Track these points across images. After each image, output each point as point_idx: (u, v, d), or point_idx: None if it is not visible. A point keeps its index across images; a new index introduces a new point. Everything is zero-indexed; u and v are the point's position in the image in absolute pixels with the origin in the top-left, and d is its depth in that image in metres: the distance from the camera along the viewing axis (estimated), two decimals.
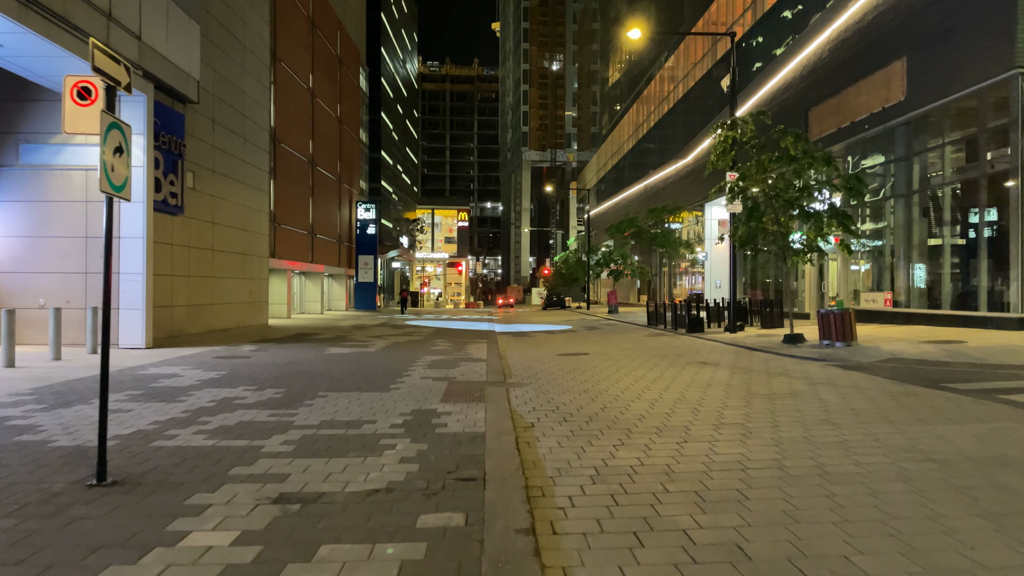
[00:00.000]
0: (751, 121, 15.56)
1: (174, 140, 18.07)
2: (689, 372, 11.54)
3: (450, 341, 19.02)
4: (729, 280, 19.44)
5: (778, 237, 15.55)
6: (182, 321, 19.00)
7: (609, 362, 13.46)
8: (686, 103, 41.51)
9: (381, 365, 12.86)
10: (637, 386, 10.03)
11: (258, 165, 24.82)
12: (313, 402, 8.70)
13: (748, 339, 17.45)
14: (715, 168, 16.68)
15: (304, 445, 6.27)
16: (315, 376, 11.25)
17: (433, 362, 13.39)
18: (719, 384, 10.06)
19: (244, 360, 13.61)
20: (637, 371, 11.86)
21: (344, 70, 43.36)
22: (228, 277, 22.12)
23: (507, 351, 16.49)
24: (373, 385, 10.22)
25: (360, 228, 45.35)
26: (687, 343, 17.70)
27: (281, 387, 9.99)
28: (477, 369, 12.27)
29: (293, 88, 32.53)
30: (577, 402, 8.75)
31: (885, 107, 19.61)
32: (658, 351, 15.67)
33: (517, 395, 9.44)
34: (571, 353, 15.59)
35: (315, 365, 12.82)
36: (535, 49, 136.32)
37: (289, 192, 31.97)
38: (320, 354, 15.00)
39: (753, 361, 13.00)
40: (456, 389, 9.88)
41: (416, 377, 11.19)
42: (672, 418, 7.55)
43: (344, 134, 43.69)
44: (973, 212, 17.55)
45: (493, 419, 7.47)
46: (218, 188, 21.26)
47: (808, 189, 14.69)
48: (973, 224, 17.62)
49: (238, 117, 22.87)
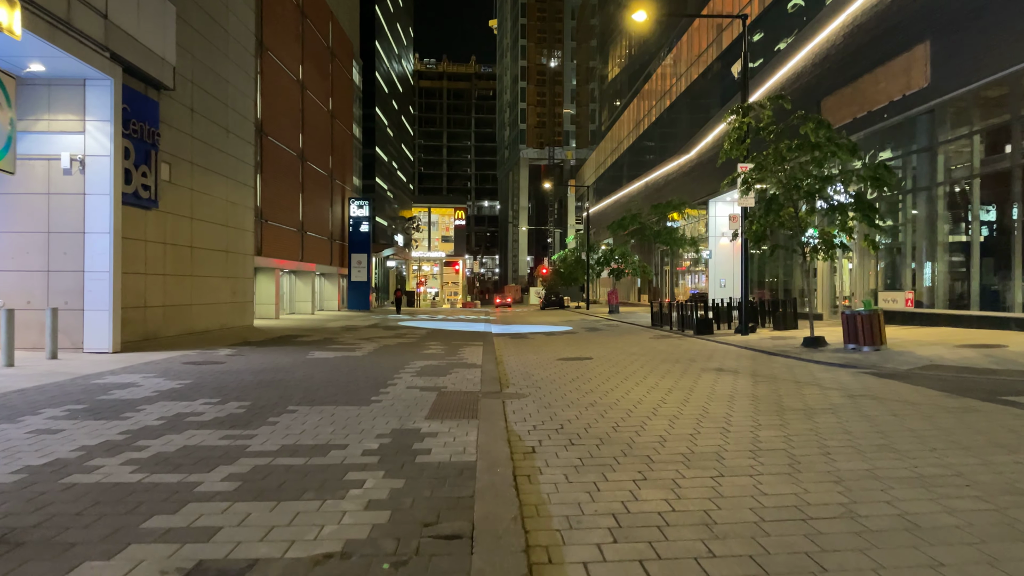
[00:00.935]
0: (769, 105, 14.36)
1: (147, 128, 16.85)
2: (707, 381, 10.35)
3: (444, 344, 17.83)
4: (740, 279, 18.25)
5: (796, 232, 14.37)
6: (157, 323, 17.79)
7: (615, 368, 12.27)
8: (689, 96, 40.33)
9: (365, 372, 11.67)
10: (651, 398, 8.84)
11: (242, 158, 23.60)
12: (279, 419, 7.50)
13: (762, 342, 16.27)
14: (728, 157, 15.48)
15: (251, 482, 5.07)
16: (289, 386, 10.06)
17: (423, 368, 12.20)
18: (744, 396, 8.87)
19: (215, 367, 12.41)
20: (648, 379, 10.68)
21: (336, 63, 42.12)
22: (209, 276, 20.90)
23: (504, 355, 15.30)
24: (352, 397, 9.03)
25: (353, 226, 44.09)
26: (697, 346, 16.52)
27: (247, 399, 8.80)
28: (471, 377, 11.09)
29: (281, 79, 31.29)
30: (584, 419, 7.56)
31: (906, 95, 18.44)
32: (667, 355, 14.48)
33: (515, 409, 8.25)
34: (573, 358, 14.40)
35: (292, 372, 11.63)
36: (533, 45, 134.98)
37: (277, 187, 30.74)
38: (301, 359, 13.80)
39: (775, 367, 11.81)
40: (446, 402, 8.69)
41: (402, 387, 10.01)
42: (699, 440, 6.36)
43: (336, 129, 42.46)
44: (1004, 206, 16.39)
45: (487, 442, 6.28)
46: (197, 181, 20.04)
47: (830, 180, 13.51)
48: (1004, 219, 16.47)
49: (220, 107, 21.64)
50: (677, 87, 42.64)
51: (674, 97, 43.46)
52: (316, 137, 37.75)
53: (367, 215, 44.13)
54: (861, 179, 13.30)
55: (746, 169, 16.29)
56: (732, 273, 34.92)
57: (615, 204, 61.10)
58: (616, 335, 21.41)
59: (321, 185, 39.04)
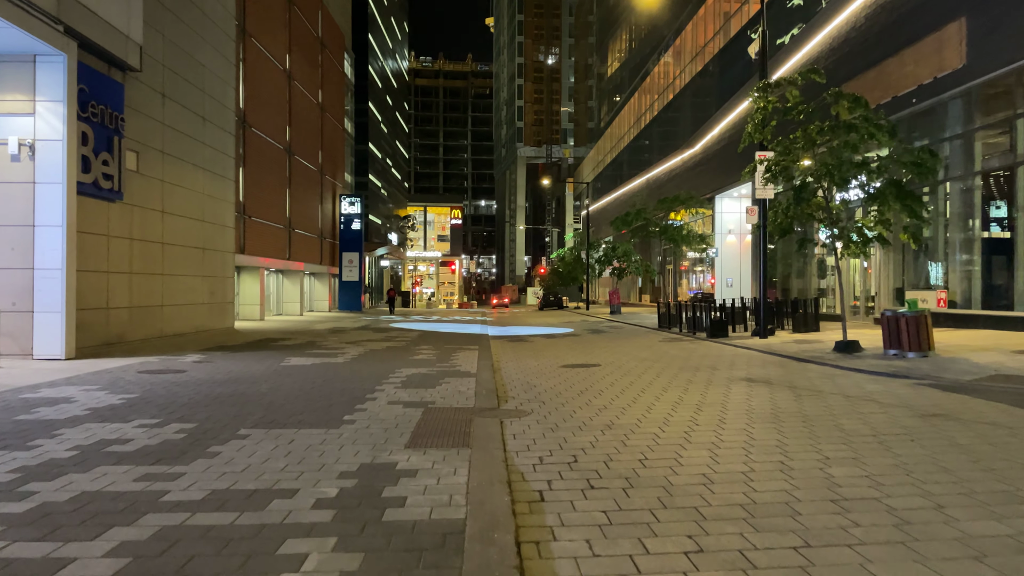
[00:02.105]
0: (799, 80, 12.86)
1: (109, 112, 15.33)
2: (739, 394, 8.88)
3: (436, 348, 16.34)
4: (758, 277, 16.77)
5: (827, 225, 12.91)
6: (122, 326, 16.26)
7: (628, 378, 10.79)
8: (693, 89, 38.87)
9: (343, 383, 10.18)
10: (678, 417, 7.37)
11: (222, 149, 22.08)
12: (222, 449, 6.03)
13: (786, 346, 14.80)
14: (751, 142, 14.00)
15: (143, 560, 3.58)
16: (250, 400, 8.58)
17: (410, 378, 10.71)
18: (790, 415, 7.40)
19: (174, 376, 10.91)
20: (669, 392, 9.20)
21: (327, 54, 40.58)
22: (183, 275, 19.38)
23: (501, 361, 13.82)
24: (321, 416, 7.56)
25: (344, 223, 42.52)
26: (714, 351, 15.04)
27: (193, 420, 7.32)
28: (464, 388, 9.62)
29: (266, 68, 29.76)
30: (602, 446, 6.09)
31: (937, 77, 17.01)
32: (684, 362, 13.01)
33: (516, 432, 6.79)
34: (578, 364, 12.92)
35: (259, 383, 10.14)
36: (530, 42, 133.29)
37: (262, 182, 29.21)
38: (274, 366, 12.30)
39: (812, 378, 10.34)
40: (433, 423, 7.22)
41: (383, 401, 8.53)
42: (756, 482, 4.89)
43: (327, 122, 40.91)
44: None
45: (481, 486, 4.81)
46: (170, 172, 18.52)
47: (866, 166, 12.05)
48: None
49: (195, 93, 20.12)
50: (681, 79, 41.17)
51: (677, 90, 42.00)
52: (304, 130, 36.22)
53: (359, 212, 42.57)
54: (902, 165, 11.85)
55: (765, 157, 14.83)
56: (739, 272, 33.50)
57: (615, 202, 59.64)
58: (622, 338, 19.93)
59: (310, 180, 37.51)
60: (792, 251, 27.80)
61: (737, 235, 33.87)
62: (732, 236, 33.91)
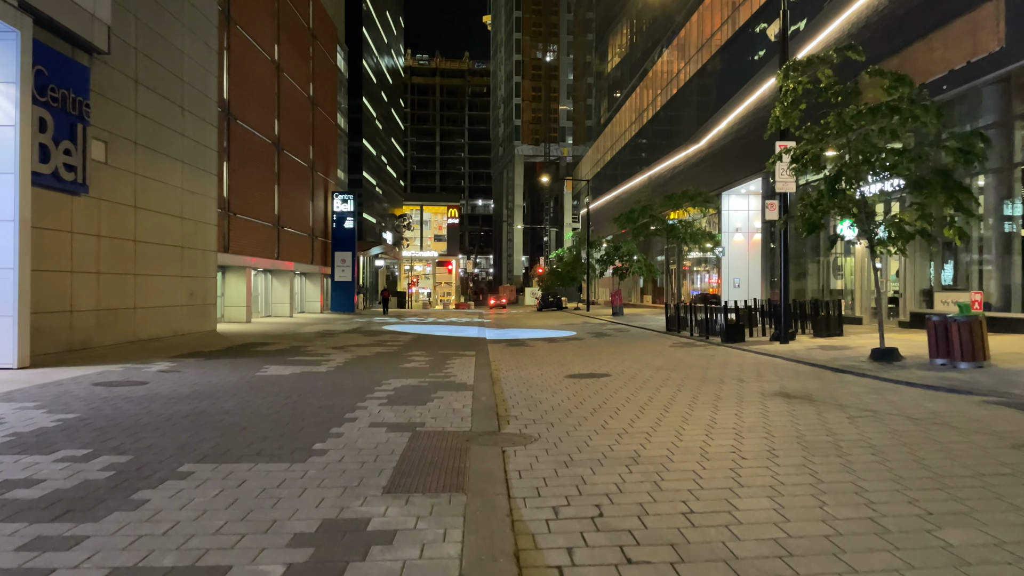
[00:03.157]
0: (835, 57, 11.55)
1: (72, 98, 14.02)
2: (779, 414, 7.62)
3: (429, 354, 15.07)
4: (780, 276, 15.49)
5: (861, 219, 11.65)
6: (88, 330, 14.96)
7: (645, 391, 9.53)
8: (699, 82, 37.55)
9: (320, 398, 8.91)
10: (717, 447, 6.11)
11: (203, 141, 20.77)
12: (152, 495, 4.78)
13: (813, 353, 13.55)
14: (778, 127, 12.71)
15: None
16: (209, 422, 7.32)
17: (398, 391, 9.44)
18: (853, 445, 6.14)
19: (131, 390, 9.63)
20: (698, 410, 7.94)
21: (318, 46, 39.25)
22: (159, 275, 18.09)
23: (501, 369, 12.56)
24: (287, 443, 6.31)
25: (337, 222, 41.16)
26: (734, 359, 13.78)
27: (131, 450, 6.07)
28: (458, 405, 8.35)
29: (253, 58, 28.43)
30: (632, 491, 4.85)
31: (971, 61, 15.76)
32: (703, 371, 11.74)
33: (521, 467, 5.54)
34: (586, 374, 11.66)
35: (225, 399, 8.86)
36: (528, 39, 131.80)
37: (248, 177, 27.89)
38: (248, 377, 11.02)
39: (858, 393, 9.08)
40: (420, 453, 5.95)
41: (364, 423, 7.28)
42: (855, 560, 3.62)
43: (318, 117, 39.58)
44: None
45: (479, 562, 3.54)
46: (143, 164, 17.22)
47: (907, 153, 10.80)
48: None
49: (173, 80, 18.82)
50: (685, 72, 39.87)
51: (681, 83, 40.69)
52: (294, 124, 34.89)
53: (352, 210, 41.23)
54: (948, 152, 10.60)
55: (784, 147, 13.61)
56: (747, 272, 32.25)
57: (615, 200, 58.37)
58: (629, 342, 18.67)
59: (300, 177, 36.19)
60: (802, 250, 26.56)
61: (744, 233, 32.62)
62: (739, 235, 32.66)
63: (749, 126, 29.14)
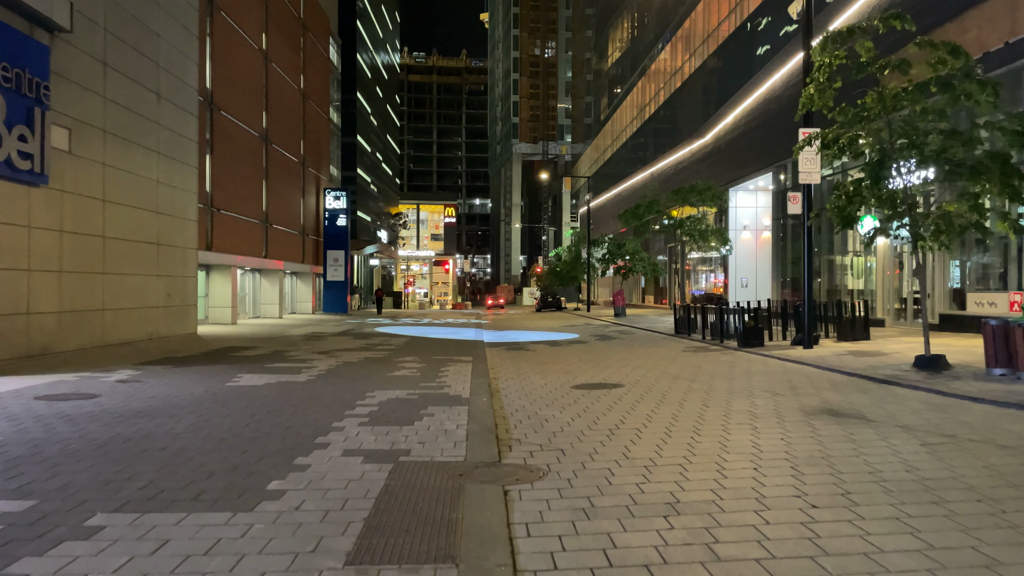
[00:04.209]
0: (882, 26, 10.26)
1: (28, 79, 12.74)
2: (835, 440, 6.38)
3: (422, 360, 13.81)
4: (804, 273, 14.22)
5: (901, 210, 10.41)
6: (48, 335, 13.68)
7: (667, 406, 8.30)
8: (705, 73, 36.24)
9: (292, 415, 7.67)
10: (774, 489, 4.88)
11: (181, 132, 19.49)
12: (32, 569, 3.52)
13: (843, 360, 12.32)
14: (808, 109, 11.44)
15: None
16: (149, 449, 6.10)
17: (383, 406, 8.20)
18: (944, 483, 4.91)
19: (76, 405, 8.38)
20: (735, 433, 6.71)
21: (309, 37, 37.94)
22: (131, 274, 16.81)
23: (500, 378, 11.31)
24: (236, 482, 5.08)
25: (329, 219, 39.83)
26: (757, 366, 12.54)
27: (39, 491, 4.88)
28: (451, 426, 7.12)
29: (238, 46, 27.11)
30: (679, 559, 3.61)
31: (1009, 42, 14.57)
32: (727, 381, 10.51)
33: (529, 518, 4.33)
34: (596, 384, 10.42)
35: (180, 417, 7.62)
36: (526, 36, 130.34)
37: (233, 172, 26.58)
38: (215, 389, 9.76)
39: (918, 410, 7.84)
40: (400, 497, 4.72)
41: (336, 451, 6.06)
42: None
43: (309, 111, 38.26)
44: None
45: None
46: (114, 154, 15.94)
47: (959, 135, 9.57)
48: None
49: (147, 65, 17.54)
50: (690, 64, 38.59)
51: (686, 76, 39.41)
52: (284, 118, 33.57)
53: (344, 207, 39.87)
54: (1005, 133, 9.37)
55: (810, 133, 12.37)
56: (755, 271, 31.04)
57: (617, 197, 57.12)
58: (637, 346, 17.43)
59: (290, 173, 34.86)
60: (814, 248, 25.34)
61: (753, 231, 31.42)
62: (747, 232, 31.45)
63: (759, 119, 27.95)
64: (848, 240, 22.57)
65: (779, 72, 25.80)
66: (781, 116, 25.84)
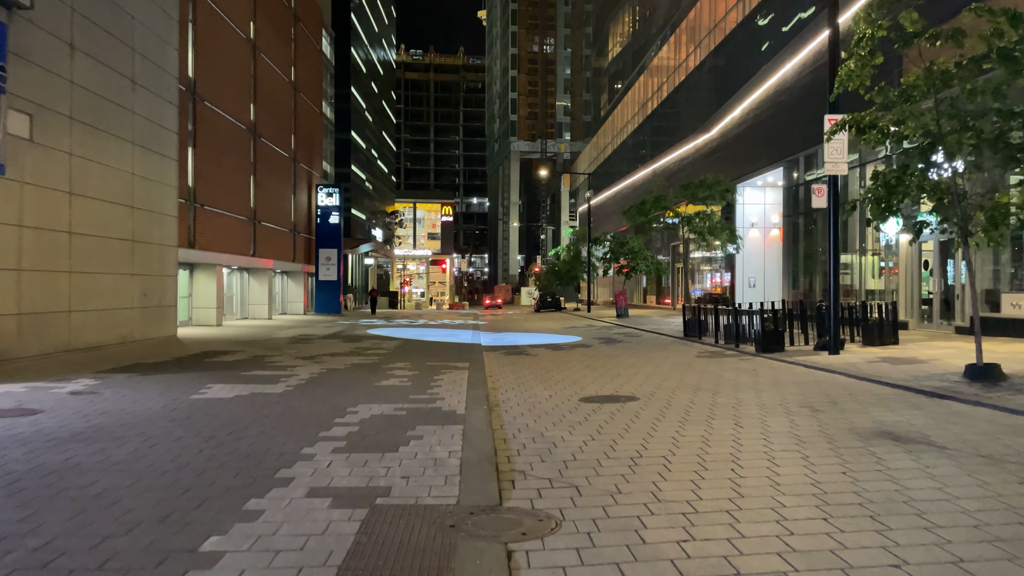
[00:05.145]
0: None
1: None
2: (909, 474, 5.26)
3: (414, 367, 12.67)
4: (829, 272, 13.07)
5: (948, 201, 9.29)
6: (6, 338, 12.50)
7: (693, 426, 7.18)
8: (712, 65, 35.06)
9: (254, 440, 6.54)
10: (859, 553, 3.79)
11: (159, 121, 18.31)
12: None
13: (877, 367, 11.20)
14: (845, 88, 10.28)
15: None
16: (69, 488, 5.00)
17: (364, 426, 7.08)
18: None
19: (7, 423, 7.30)
20: (784, 465, 5.58)
21: (301, 28, 36.74)
22: (102, 272, 15.63)
23: (499, 388, 10.18)
24: (161, 539, 3.97)
25: (321, 217, 38.61)
26: (783, 375, 11.41)
27: None
28: (442, 452, 6.01)
29: (224, 34, 25.92)
30: None
31: None
32: (754, 393, 9.38)
33: None
34: (607, 397, 9.29)
35: (122, 441, 6.49)
36: (524, 32, 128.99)
37: (218, 165, 25.39)
38: (177, 403, 8.62)
39: (991, 432, 6.72)
40: (371, 562, 3.58)
41: (299, 489, 4.94)
42: None
43: (301, 104, 37.06)
44: None
45: None
46: (82, 144, 14.76)
47: (1020, 116, 8.46)
48: None
49: (121, 49, 16.36)
50: (696, 56, 37.44)
51: (691, 68, 38.24)
52: (274, 110, 32.36)
53: (338, 204, 38.66)
54: None
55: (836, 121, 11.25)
56: (763, 270, 29.92)
57: (618, 195, 55.97)
58: (646, 350, 16.29)
59: (280, 168, 33.65)
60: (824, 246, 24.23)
61: (761, 229, 30.29)
62: (755, 230, 30.32)
63: (768, 112, 26.83)
64: (867, 238, 21.46)
65: (791, 61, 24.67)
66: (793, 108, 24.73)
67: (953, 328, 16.81)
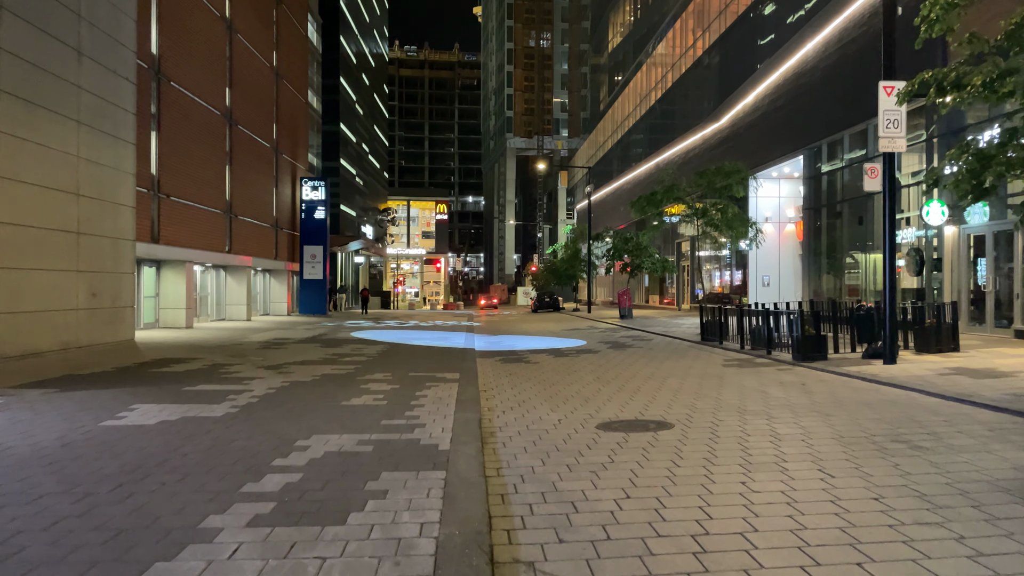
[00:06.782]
0: None
1: None
2: None
3: (394, 379, 10.67)
4: (884, 265, 11.11)
5: None
6: None
7: (762, 472, 5.26)
8: (722, 50, 33.03)
9: (147, 501, 4.57)
10: None
11: (112, 99, 16.25)
12: None
13: (955, 381, 9.27)
14: (931, 35, 8.34)
15: None
16: None
17: (306, 476, 5.10)
18: None
19: None
20: (924, 543, 3.63)
21: (283, 10, 34.65)
22: (39, 269, 13.60)
23: (495, 408, 8.21)
24: None
25: (306, 212, 36.51)
26: (841, 391, 9.46)
27: None
28: (410, 526, 4.03)
29: (194, 9, 23.83)
30: None
31: None
32: (822, 420, 7.43)
33: None
34: (630, 423, 7.34)
35: None
36: (520, 26, 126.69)
37: (188, 153, 23.31)
38: (81, 431, 6.66)
39: None
40: None
41: None
42: None
43: (284, 92, 34.97)
44: None
45: None
46: (11, 119, 12.74)
47: None
48: None
49: (63, 14, 14.34)
50: (704, 40, 35.44)
51: (698, 54, 36.25)
52: (252, 97, 30.27)
53: (324, 199, 36.57)
54: None
55: (894, 89, 9.32)
56: (777, 268, 27.99)
57: (619, 190, 53.98)
58: (663, 358, 14.32)
59: (261, 158, 31.56)
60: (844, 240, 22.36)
61: (776, 224, 28.36)
62: (769, 225, 28.38)
63: (786, 96, 24.91)
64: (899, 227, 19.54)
65: (813, 40, 22.75)
66: (815, 91, 22.82)
67: (1012, 332, 14.89)
